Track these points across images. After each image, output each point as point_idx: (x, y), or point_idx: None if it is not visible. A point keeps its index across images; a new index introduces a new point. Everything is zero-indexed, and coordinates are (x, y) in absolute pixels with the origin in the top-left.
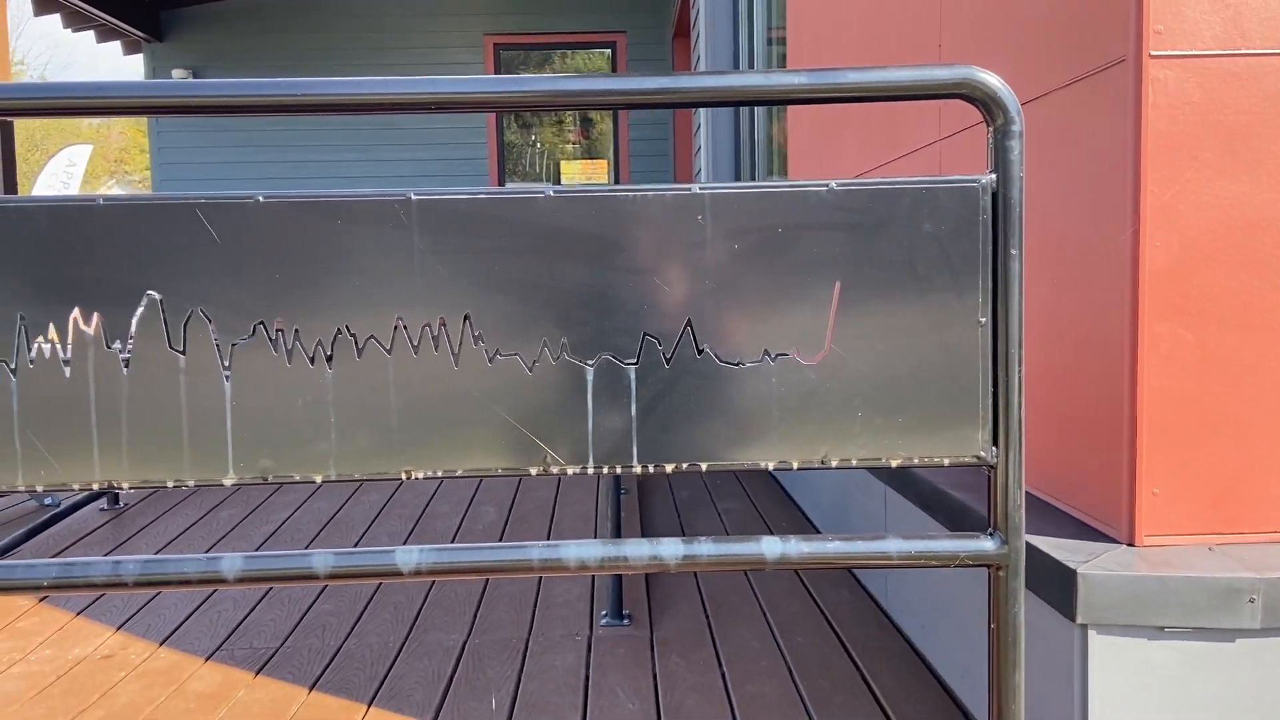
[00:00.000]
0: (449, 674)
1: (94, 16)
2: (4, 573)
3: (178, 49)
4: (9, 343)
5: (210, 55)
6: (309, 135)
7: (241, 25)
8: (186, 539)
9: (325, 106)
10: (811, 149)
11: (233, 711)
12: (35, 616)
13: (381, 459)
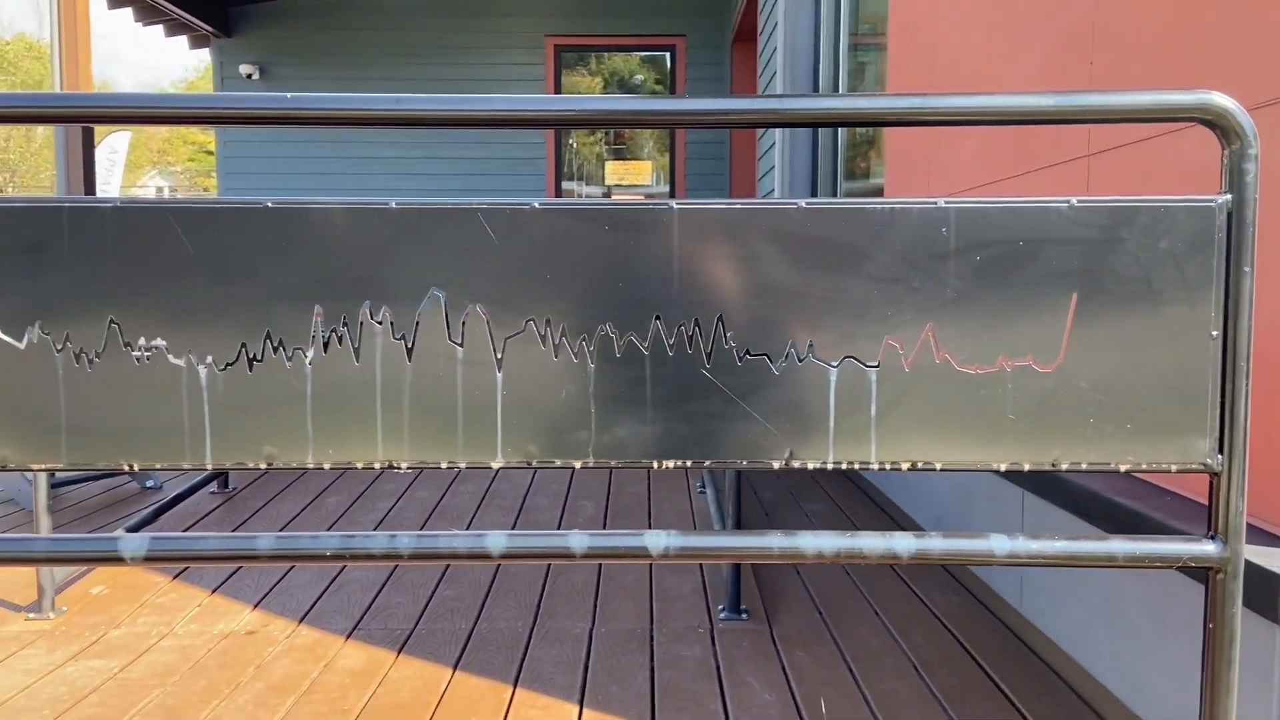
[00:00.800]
0: (584, 660)
1: (167, 11)
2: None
3: (245, 45)
4: (307, 333)
5: (276, 51)
6: (370, 134)
7: (307, 22)
8: (299, 523)
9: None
10: (913, 161)
11: (386, 686)
12: (173, 593)
13: (637, 448)
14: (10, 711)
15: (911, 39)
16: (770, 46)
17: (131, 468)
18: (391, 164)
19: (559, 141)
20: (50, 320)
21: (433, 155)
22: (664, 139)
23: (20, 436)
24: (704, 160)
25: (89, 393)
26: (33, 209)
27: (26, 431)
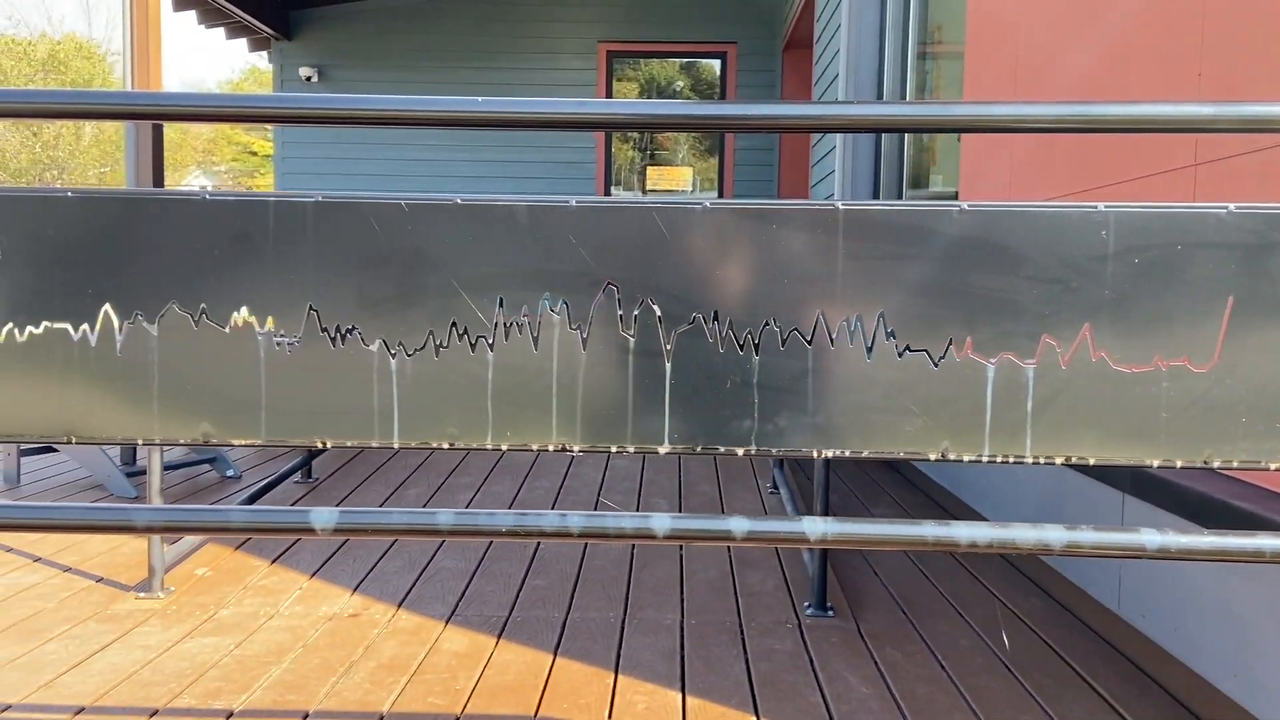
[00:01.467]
0: (678, 649)
1: (231, 14)
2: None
3: (304, 48)
4: (490, 321)
5: (334, 55)
6: (422, 136)
7: (365, 27)
8: None
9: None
10: (994, 166)
11: (492, 669)
12: (273, 576)
13: (798, 437)
14: (138, 684)
15: (991, 51)
16: (829, 54)
17: (324, 445)
18: (444, 166)
19: (608, 147)
20: (254, 306)
21: (483, 158)
22: (699, 145)
23: (223, 414)
24: (751, 167)
25: (287, 374)
26: (242, 202)
27: (229, 409)
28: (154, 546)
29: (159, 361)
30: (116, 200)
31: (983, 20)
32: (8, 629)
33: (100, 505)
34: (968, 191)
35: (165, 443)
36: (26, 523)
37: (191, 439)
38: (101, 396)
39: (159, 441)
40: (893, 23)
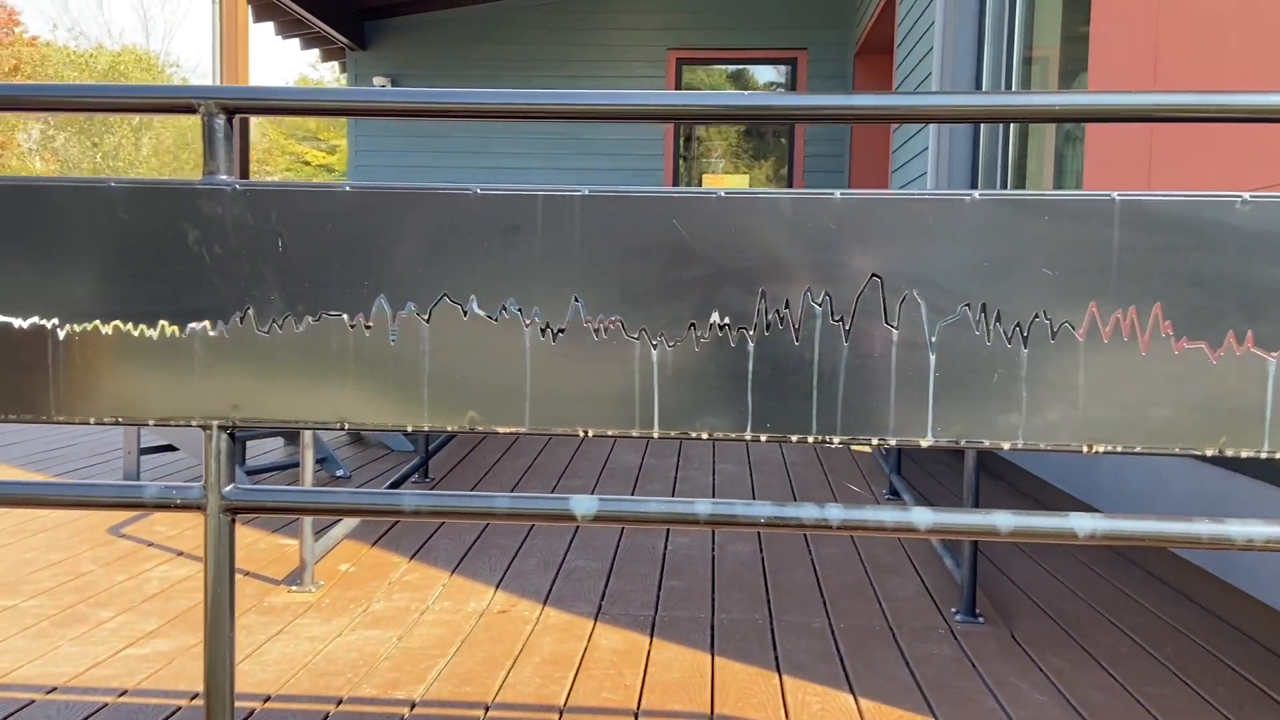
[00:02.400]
0: (835, 652)
1: (310, 25)
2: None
3: (377, 57)
4: (750, 314)
5: (407, 64)
6: (496, 143)
7: (436, 36)
8: None
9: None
10: (1124, 162)
11: (655, 667)
12: (415, 573)
13: (1067, 433)
14: (315, 674)
15: (1125, 46)
16: (912, 59)
17: (586, 433)
18: (519, 175)
19: (676, 151)
20: (522, 297)
21: (555, 166)
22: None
23: (489, 401)
24: (821, 172)
25: (551, 364)
26: (512, 196)
27: (494, 397)
28: (305, 541)
29: (430, 351)
30: (391, 195)
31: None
32: (175, 619)
33: (369, 491)
34: (1093, 185)
35: (433, 429)
36: (299, 506)
37: (458, 426)
38: (374, 384)
39: (428, 428)
40: (993, 24)
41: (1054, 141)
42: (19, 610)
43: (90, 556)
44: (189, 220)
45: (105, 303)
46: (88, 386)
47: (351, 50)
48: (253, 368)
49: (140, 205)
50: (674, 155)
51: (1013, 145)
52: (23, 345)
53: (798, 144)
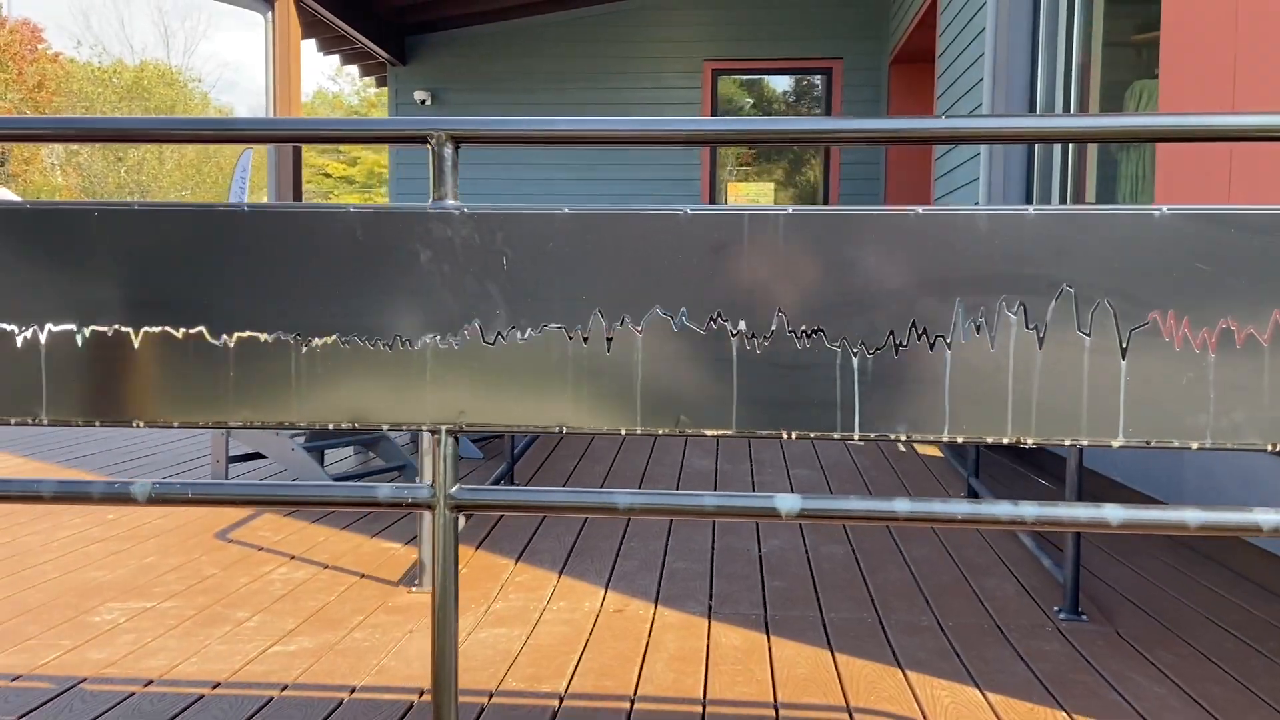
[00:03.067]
0: (950, 649)
1: (351, 41)
2: None
3: (418, 72)
4: (948, 323)
5: (447, 78)
6: (534, 157)
7: (475, 50)
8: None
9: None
10: (1210, 180)
11: (781, 662)
12: (525, 574)
13: (1252, 433)
14: (468, 666)
15: (1200, 37)
16: (956, 67)
17: (790, 435)
18: (556, 185)
19: (714, 164)
20: (728, 309)
21: (595, 176)
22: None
23: (696, 406)
24: (856, 180)
25: (756, 371)
26: (722, 216)
27: (701, 402)
28: (424, 544)
29: (642, 360)
30: (607, 216)
31: (1186, 11)
32: (310, 619)
33: (581, 490)
34: (1167, 196)
35: (646, 433)
36: (519, 504)
37: (668, 429)
38: (591, 391)
39: (640, 431)
40: (1046, 30)
41: (1113, 149)
42: (159, 611)
43: (207, 560)
44: (421, 241)
45: (345, 318)
46: (326, 394)
47: (393, 65)
48: (479, 377)
49: (376, 228)
50: (710, 166)
51: (1071, 150)
52: (269, 355)
53: (833, 155)
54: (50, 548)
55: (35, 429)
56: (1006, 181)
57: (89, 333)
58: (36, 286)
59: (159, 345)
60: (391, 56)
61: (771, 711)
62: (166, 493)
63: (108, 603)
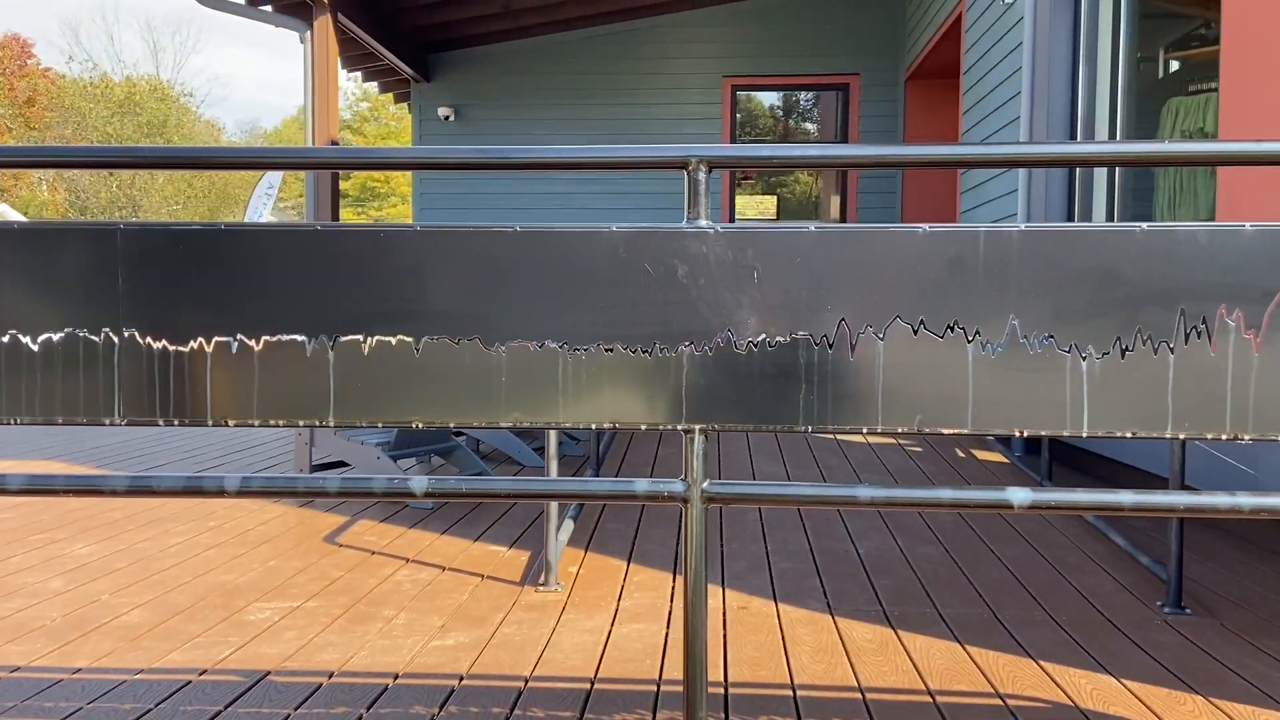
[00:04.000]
0: (1072, 640)
1: (375, 59)
2: None
3: (441, 89)
4: (1171, 330)
5: (469, 95)
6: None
7: (498, 67)
8: None
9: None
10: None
11: (917, 654)
12: (641, 574)
13: None
14: (620, 660)
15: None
16: (984, 85)
17: (1021, 434)
18: (571, 199)
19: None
20: (964, 317)
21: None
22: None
23: (935, 408)
24: (874, 178)
25: (990, 375)
26: (959, 232)
27: (940, 404)
28: (550, 545)
29: (883, 365)
30: (853, 234)
31: (1254, 22)
32: (454, 615)
33: (827, 484)
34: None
35: (885, 431)
36: (770, 496)
37: (907, 428)
38: (834, 393)
39: (880, 430)
40: (1087, 49)
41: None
42: (306, 610)
43: (329, 564)
44: (678, 258)
45: (607, 328)
46: (589, 397)
47: (416, 82)
48: (730, 381)
49: (637, 246)
50: (730, 179)
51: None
52: (537, 362)
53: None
54: (169, 553)
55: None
56: (1049, 195)
57: (374, 342)
58: (327, 302)
59: (439, 352)
60: (416, 74)
61: (927, 698)
62: (441, 489)
63: (254, 603)
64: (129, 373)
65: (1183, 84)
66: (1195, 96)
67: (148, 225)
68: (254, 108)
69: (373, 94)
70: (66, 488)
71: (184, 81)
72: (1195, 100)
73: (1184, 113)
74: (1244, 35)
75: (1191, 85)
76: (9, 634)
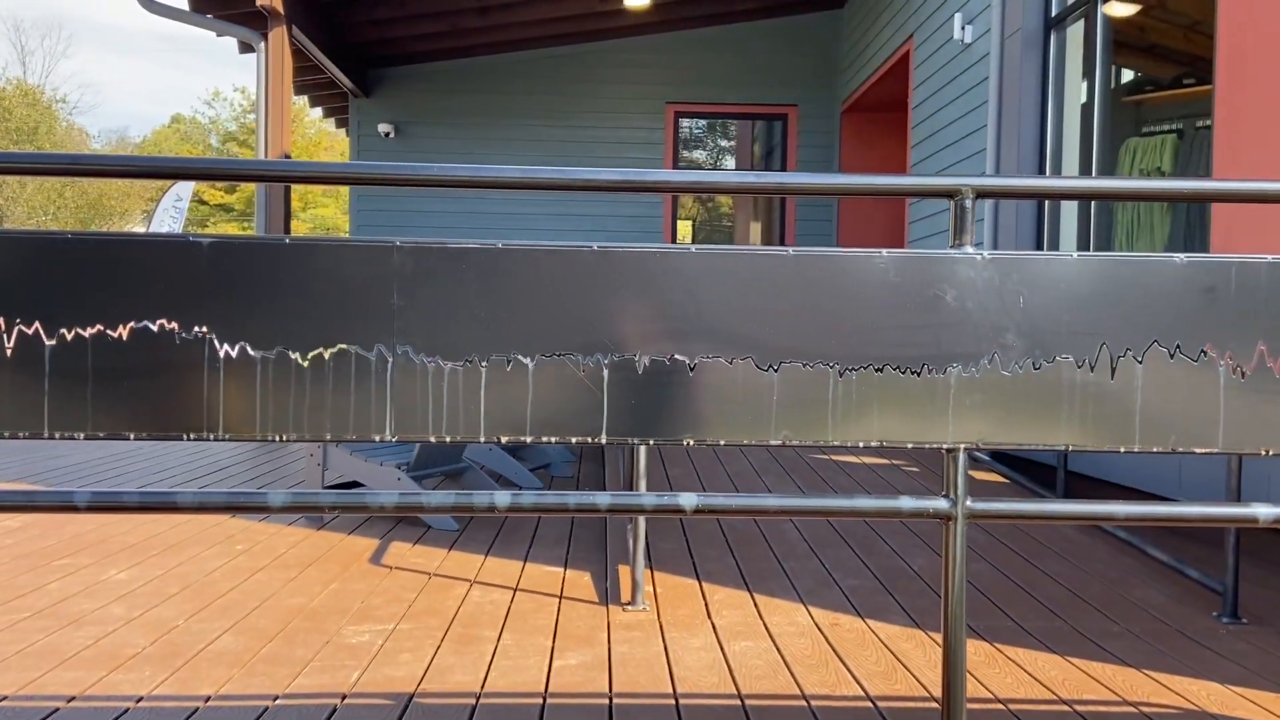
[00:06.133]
0: (1159, 651)
1: (321, 72)
2: None
3: (381, 105)
4: None
5: (410, 112)
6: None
7: (441, 85)
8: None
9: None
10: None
11: (1025, 665)
12: (720, 593)
13: None
14: (751, 675)
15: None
16: (934, 122)
17: (1268, 452)
18: (521, 219)
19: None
20: (1215, 344)
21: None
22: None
23: (1187, 428)
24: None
25: (1241, 398)
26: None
27: (1188, 424)
28: (637, 565)
29: (1141, 387)
30: (1110, 262)
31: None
32: (559, 635)
33: (1079, 501)
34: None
35: (1143, 450)
36: (1027, 514)
37: (1161, 448)
38: (1094, 415)
39: (1138, 449)
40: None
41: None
42: (402, 633)
43: (393, 585)
44: (947, 282)
45: (881, 349)
46: (859, 417)
47: (355, 97)
48: (995, 401)
49: (909, 271)
50: (673, 203)
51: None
52: (806, 383)
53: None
54: (217, 577)
55: None
56: (1018, 226)
57: (648, 361)
58: (603, 321)
59: (711, 371)
60: (355, 87)
61: (1066, 708)
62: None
63: (345, 626)
64: (401, 388)
65: (1138, 125)
66: (1151, 138)
67: (423, 244)
68: (126, 117)
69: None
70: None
71: (55, 87)
72: (1151, 141)
73: (1141, 152)
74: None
75: (1146, 127)
76: (106, 663)
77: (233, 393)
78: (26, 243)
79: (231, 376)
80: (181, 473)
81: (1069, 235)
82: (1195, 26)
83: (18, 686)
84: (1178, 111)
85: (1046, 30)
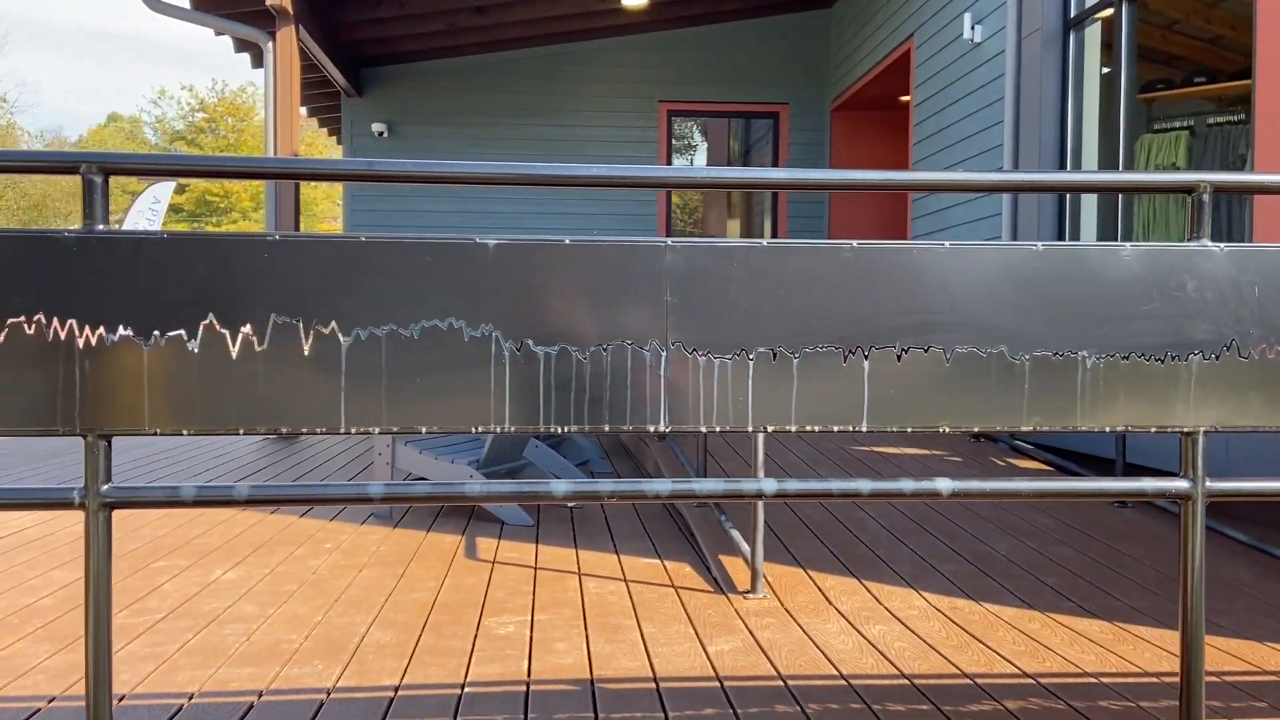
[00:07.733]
0: (1241, 630)
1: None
2: None
3: (374, 104)
4: None
5: (403, 111)
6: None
7: (434, 84)
8: None
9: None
10: None
11: (1164, 644)
12: (828, 581)
13: None
14: (901, 658)
15: None
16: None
17: None
18: (512, 219)
19: (669, 194)
20: None
21: (548, 210)
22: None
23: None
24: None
25: None
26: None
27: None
28: (757, 554)
29: None
30: None
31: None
32: (697, 624)
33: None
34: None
35: None
36: None
37: None
38: None
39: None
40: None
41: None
42: (542, 623)
43: (507, 580)
44: (1188, 274)
45: (1129, 337)
46: (1105, 402)
47: (348, 96)
48: (1234, 387)
49: (1148, 263)
50: (667, 199)
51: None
52: (1056, 371)
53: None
54: (325, 575)
55: None
56: (1040, 220)
57: (905, 353)
58: (859, 316)
59: (966, 362)
60: (349, 86)
61: (1217, 679)
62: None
63: (486, 618)
64: (674, 380)
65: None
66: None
67: (694, 242)
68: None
69: (210, 105)
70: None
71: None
72: (1166, 137)
73: (1155, 148)
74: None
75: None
76: (272, 658)
77: (515, 387)
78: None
79: (516, 372)
80: (206, 470)
81: (1089, 227)
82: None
83: (200, 684)
84: (1191, 109)
85: (1066, 30)
